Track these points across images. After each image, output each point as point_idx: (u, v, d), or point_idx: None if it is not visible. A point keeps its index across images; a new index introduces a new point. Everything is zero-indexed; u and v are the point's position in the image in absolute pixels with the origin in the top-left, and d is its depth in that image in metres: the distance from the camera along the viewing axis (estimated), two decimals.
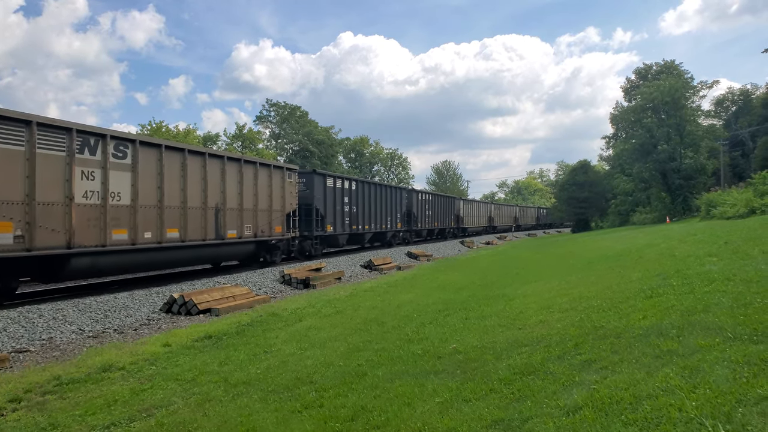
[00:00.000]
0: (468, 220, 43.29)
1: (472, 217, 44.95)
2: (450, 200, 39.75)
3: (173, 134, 43.05)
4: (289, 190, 18.30)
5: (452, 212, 39.55)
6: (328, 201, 21.19)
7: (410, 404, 4.45)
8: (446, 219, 37.71)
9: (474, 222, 45.45)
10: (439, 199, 36.80)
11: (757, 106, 49.61)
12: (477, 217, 46.62)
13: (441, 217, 36.60)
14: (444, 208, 37.43)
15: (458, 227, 41.39)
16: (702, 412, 3.15)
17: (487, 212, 51.08)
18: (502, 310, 8.25)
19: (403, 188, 32.33)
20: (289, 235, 18.30)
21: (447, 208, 38.06)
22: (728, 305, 5.47)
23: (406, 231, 31.81)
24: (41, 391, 5.92)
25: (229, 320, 9.89)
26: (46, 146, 10.06)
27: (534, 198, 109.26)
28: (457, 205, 41.50)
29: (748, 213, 22.52)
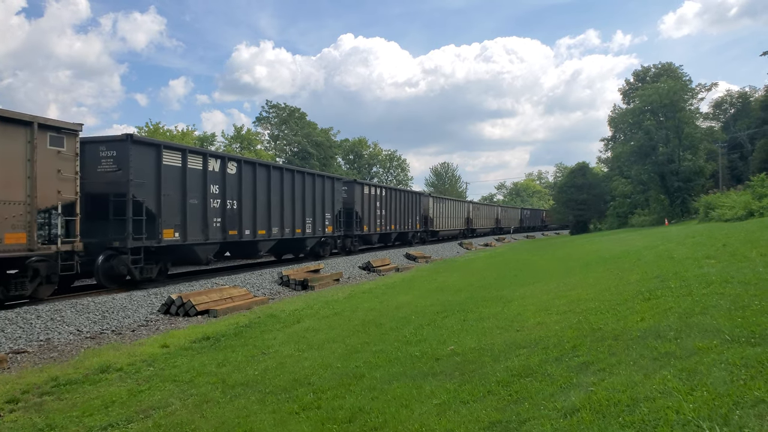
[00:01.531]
0: (439, 221, 36.77)
1: (444, 218, 38.05)
2: (415, 198, 32.92)
3: (171, 135, 43.02)
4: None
5: (417, 212, 32.93)
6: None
7: (408, 406, 4.44)
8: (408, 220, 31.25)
9: (447, 224, 38.67)
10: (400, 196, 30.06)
11: (756, 108, 49.71)
12: (451, 218, 39.50)
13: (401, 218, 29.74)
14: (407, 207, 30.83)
15: (426, 230, 34.63)
16: (699, 414, 3.16)
17: (463, 213, 43.70)
18: (500, 312, 8.25)
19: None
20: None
21: (410, 207, 31.54)
22: (726, 308, 5.48)
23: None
24: (39, 392, 5.91)
25: (227, 321, 9.88)
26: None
27: (533, 200, 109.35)
28: (425, 204, 34.30)
29: (747, 215, 22.58)
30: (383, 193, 27.48)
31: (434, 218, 35.62)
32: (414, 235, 32.17)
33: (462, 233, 43.30)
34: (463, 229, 43.55)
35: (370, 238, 25.88)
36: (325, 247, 21.85)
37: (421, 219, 33.44)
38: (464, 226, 43.58)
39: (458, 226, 41.70)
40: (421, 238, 33.87)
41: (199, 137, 50.22)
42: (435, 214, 35.71)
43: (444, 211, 38.18)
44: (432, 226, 35.18)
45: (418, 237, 33.11)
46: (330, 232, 21.42)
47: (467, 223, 44.33)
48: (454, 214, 40.40)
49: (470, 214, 45.07)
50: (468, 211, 44.87)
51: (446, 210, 38.72)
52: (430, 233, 35.74)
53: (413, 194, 32.67)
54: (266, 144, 60.74)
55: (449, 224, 39.41)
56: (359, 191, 24.36)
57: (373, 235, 26.15)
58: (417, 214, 32.39)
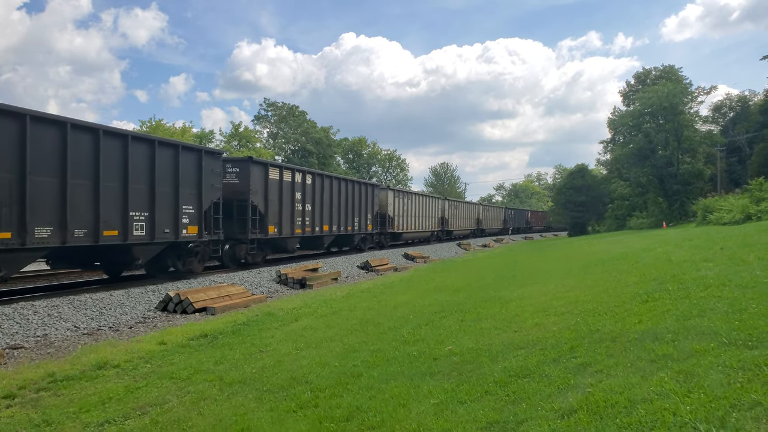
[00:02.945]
0: (403, 221, 29.94)
1: (410, 218, 31.36)
2: (365, 191, 25.02)
3: (171, 132, 42.97)
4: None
5: (369, 209, 25.51)
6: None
7: (405, 405, 4.45)
8: (355, 218, 23.78)
9: (413, 224, 31.97)
10: (341, 187, 22.50)
11: (755, 112, 49.80)
12: (418, 217, 33.04)
13: (343, 216, 22.63)
14: (351, 201, 23.29)
15: (383, 232, 27.68)
16: (696, 416, 3.16)
17: (436, 211, 36.76)
18: (498, 312, 8.26)
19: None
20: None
21: (356, 203, 23.86)
22: (723, 310, 5.49)
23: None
24: (35, 388, 5.90)
25: (224, 319, 9.87)
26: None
27: (531, 201, 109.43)
28: (381, 198, 27.16)
29: (744, 219, 22.63)
30: (308, 180, 19.41)
31: (396, 217, 28.70)
32: (364, 239, 25.60)
33: (435, 235, 37.01)
34: (436, 231, 37.03)
35: (280, 243, 18.41)
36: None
37: (376, 218, 26.42)
38: (437, 227, 37.00)
39: (429, 227, 35.09)
40: (377, 242, 27.45)
41: (198, 134, 50.17)
42: (397, 212, 28.91)
43: (409, 208, 31.25)
44: (392, 227, 28.29)
45: (372, 240, 26.72)
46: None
47: (441, 224, 37.94)
48: (422, 212, 33.82)
49: (445, 213, 38.59)
50: (442, 210, 38.20)
51: (412, 207, 31.91)
52: (390, 235, 28.77)
53: (361, 186, 24.82)
54: (265, 142, 60.72)
55: (416, 224, 32.64)
56: (259, 173, 16.69)
57: (288, 239, 18.50)
58: (369, 212, 25.33)
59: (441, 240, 38.07)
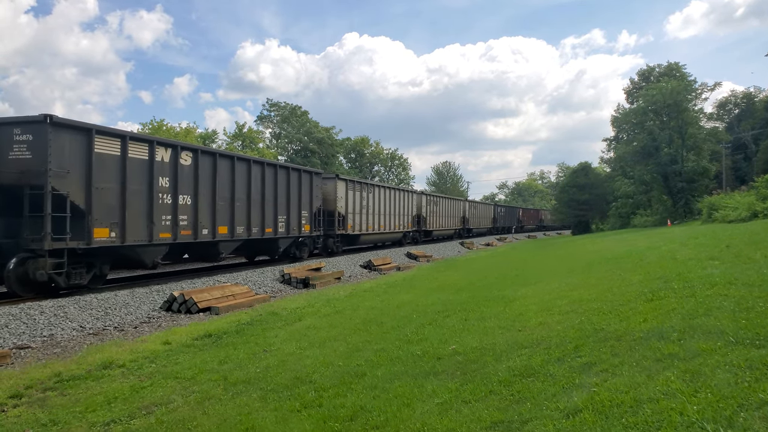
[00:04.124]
0: (361, 219, 24.23)
1: (372, 216, 25.45)
2: (304, 180, 19.29)
3: (174, 133, 43.07)
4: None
5: (307, 204, 19.54)
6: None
7: (409, 405, 4.44)
8: (292, 217, 18.50)
9: (377, 223, 26.12)
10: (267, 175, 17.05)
11: (760, 109, 49.59)
12: (385, 215, 27.28)
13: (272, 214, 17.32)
14: (281, 195, 17.74)
15: (334, 234, 21.94)
16: (703, 416, 3.14)
17: (410, 208, 31.21)
18: (502, 311, 8.24)
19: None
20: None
21: (293, 198, 18.47)
22: (730, 309, 5.46)
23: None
24: (42, 388, 5.93)
25: (228, 319, 9.89)
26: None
27: (534, 200, 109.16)
28: (328, 192, 21.57)
29: (751, 217, 22.51)
30: (183, 160, 13.21)
31: (349, 215, 22.99)
32: (300, 245, 19.41)
33: (409, 237, 31.55)
34: (411, 231, 31.66)
35: (128, 254, 12.31)
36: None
37: (318, 216, 20.55)
38: (411, 227, 31.40)
39: (400, 226, 29.36)
40: (323, 247, 21.63)
41: (201, 135, 50.30)
42: (351, 209, 23.30)
43: (370, 204, 25.19)
44: (345, 227, 22.60)
45: (314, 245, 20.86)
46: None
47: (417, 223, 32.58)
48: (391, 209, 28.06)
49: (422, 211, 33.15)
50: (418, 206, 32.75)
51: (375, 203, 25.79)
52: (344, 238, 23.24)
53: (290, 172, 18.29)
54: (268, 142, 60.79)
55: (382, 224, 26.76)
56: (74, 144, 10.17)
57: (142, 248, 12.15)
58: (306, 208, 19.29)
59: (417, 242, 32.76)
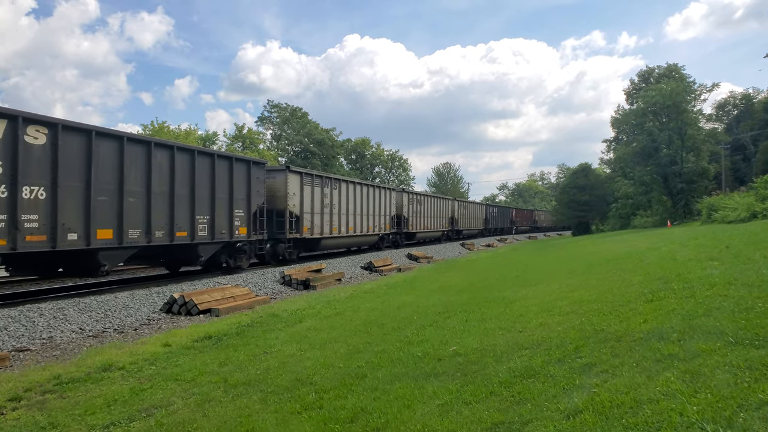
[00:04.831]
0: (323, 221, 20.18)
1: (337, 217, 21.38)
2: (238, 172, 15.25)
3: (175, 134, 43.11)
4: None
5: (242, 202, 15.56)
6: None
7: (410, 406, 4.44)
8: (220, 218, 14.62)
9: (346, 224, 22.19)
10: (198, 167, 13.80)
11: (759, 110, 49.61)
12: (357, 215, 23.18)
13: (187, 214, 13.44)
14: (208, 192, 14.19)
15: (283, 238, 17.87)
16: (703, 416, 3.14)
17: (388, 207, 26.73)
18: (503, 312, 8.24)
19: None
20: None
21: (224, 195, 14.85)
22: (730, 309, 5.46)
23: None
24: (41, 390, 5.92)
25: (229, 321, 9.89)
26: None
27: (535, 201, 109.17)
28: (276, 187, 17.80)
29: (750, 217, 22.53)
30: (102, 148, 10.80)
31: (305, 215, 18.80)
32: (239, 252, 15.76)
33: (388, 240, 27.31)
34: (390, 234, 27.21)
35: None
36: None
37: (276, 217, 17.50)
38: (389, 229, 26.72)
39: (376, 228, 24.99)
40: (276, 253, 17.76)
41: (202, 137, 50.36)
42: (308, 208, 19.07)
43: (335, 202, 21.05)
44: (300, 230, 18.42)
45: (260, 251, 16.88)
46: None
47: (397, 224, 28.01)
48: (364, 208, 23.65)
49: (403, 211, 28.50)
50: (399, 206, 28.19)
51: (342, 201, 21.60)
52: (299, 243, 18.94)
53: (231, 163, 14.89)
54: (268, 144, 60.83)
55: (351, 226, 22.40)
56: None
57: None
58: (243, 206, 15.38)
59: (398, 246, 28.30)
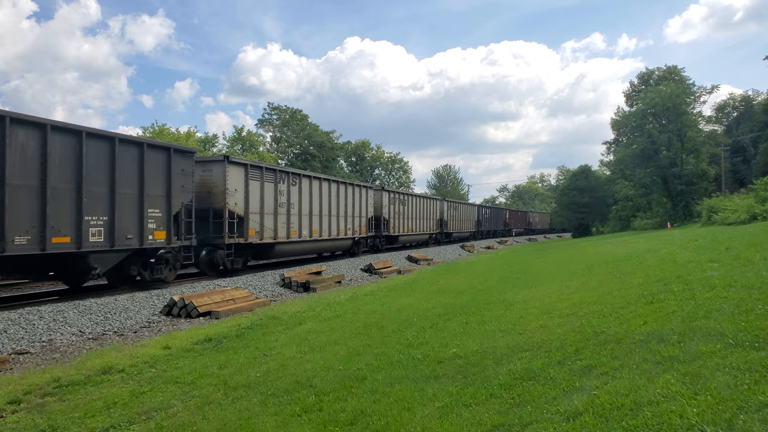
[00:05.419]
0: (271, 223, 16.73)
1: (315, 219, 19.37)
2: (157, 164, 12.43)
3: (175, 137, 43.15)
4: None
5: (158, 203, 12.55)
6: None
7: (410, 409, 4.44)
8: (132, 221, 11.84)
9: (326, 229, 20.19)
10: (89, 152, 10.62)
11: (759, 112, 49.62)
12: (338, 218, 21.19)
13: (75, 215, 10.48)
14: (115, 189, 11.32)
15: (223, 245, 14.80)
16: (703, 418, 3.14)
17: (364, 207, 23.74)
18: (503, 314, 8.24)
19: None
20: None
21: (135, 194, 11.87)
22: (730, 311, 5.46)
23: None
24: (41, 393, 5.91)
25: (229, 323, 9.88)
26: None
27: (534, 203, 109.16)
28: (213, 182, 14.89)
29: (750, 219, 22.52)
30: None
31: (251, 215, 15.70)
32: (158, 262, 12.92)
33: (365, 244, 24.46)
34: (367, 237, 24.17)
35: None
36: None
37: (214, 218, 14.70)
38: (366, 232, 23.84)
39: (350, 231, 22.29)
40: (212, 262, 14.87)
41: (202, 139, 50.42)
42: (256, 207, 15.96)
43: (295, 201, 18.09)
44: (244, 234, 15.39)
45: (186, 260, 13.82)
46: None
47: (376, 226, 25.23)
48: (334, 209, 20.93)
49: (384, 212, 25.66)
50: (378, 206, 25.28)
51: (304, 201, 18.67)
52: (248, 249, 16.22)
53: (142, 150, 11.98)
54: (268, 146, 60.85)
55: (316, 229, 19.50)
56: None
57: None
58: (161, 205, 12.57)
59: (378, 250, 25.66)
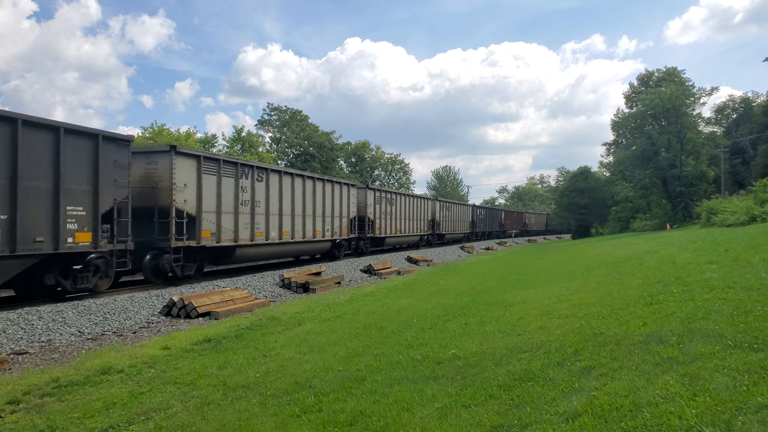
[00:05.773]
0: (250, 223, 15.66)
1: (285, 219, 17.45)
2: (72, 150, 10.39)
3: (175, 137, 43.15)
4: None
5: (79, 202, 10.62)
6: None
7: (409, 409, 4.44)
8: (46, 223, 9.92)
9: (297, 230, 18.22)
10: None
11: (758, 113, 49.68)
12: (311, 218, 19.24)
13: None
14: None
15: (168, 249, 12.87)
16: (702, 419, 3.15)
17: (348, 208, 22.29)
18: (502, 315, 8.24)
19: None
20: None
21: None
22: (729, 313, 5.46)
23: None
24: (40, 393, 5.91)
25: (228, 324, 9.88)
26: None
27: (534, 204, 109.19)
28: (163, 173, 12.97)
29: (749, 221, 22.53)
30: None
31: (204, 214, 13.97)
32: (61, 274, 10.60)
33: (346, 247, 23.07)
34: (349, 239, 22.81)
35: None
36: None
37: (160, 217, 12.98)
38: (348, 233, 22.38)
39: (329, 233, 20.66)
40: (157, 268, 13.03)
41: (201, 139, 50.43)
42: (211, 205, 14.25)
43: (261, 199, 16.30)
44: (194, 235, 13.60)
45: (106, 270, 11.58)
46: None
47: (359, 228, 23.69)
48: (310, 208, 19.16)
49: (367, 212, 24.19)
50: (362, 205, 23.85)
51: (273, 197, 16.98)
52: (200, 253, 14.17)
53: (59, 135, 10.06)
54: (268, 146, 60.88)
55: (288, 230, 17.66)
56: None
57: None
58: (86, 203, 10.83)
59: (361, 254, 24.04)
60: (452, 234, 39.32)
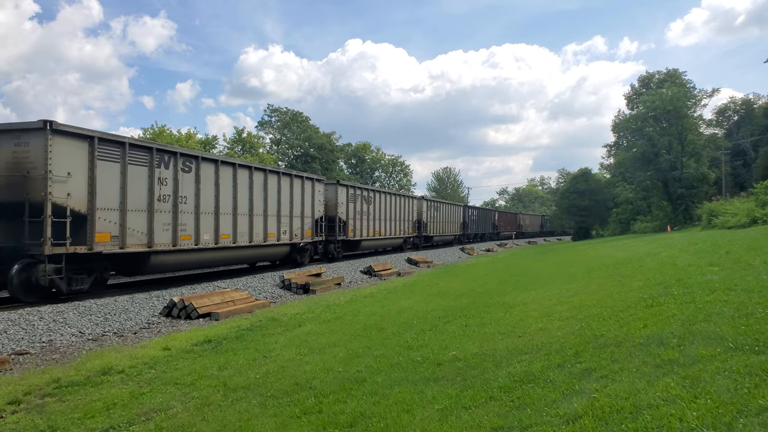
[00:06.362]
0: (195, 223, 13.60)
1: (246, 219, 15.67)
2: None
3: (175, 138, 43.17)
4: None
5: None
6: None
7: (409, 411, 4.43)
8: None
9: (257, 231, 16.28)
10: None
11: (759, 115, 49.72)
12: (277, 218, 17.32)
13: None
14: None
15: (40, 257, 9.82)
16: (703, 422, 3.14)
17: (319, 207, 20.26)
18: (502, 317, 8.24)
19: None
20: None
21: None
22: (730, 315, 5.46)
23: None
24: (40, 394, 5.91)
25: (228, 325, 9.88)
26: None
27: (535, 206, 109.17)
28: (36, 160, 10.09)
29: (750, 223, 22.51)
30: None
31: (94, 212, 10.94)
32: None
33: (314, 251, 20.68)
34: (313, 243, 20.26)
35: None
36: None
37: (34, 218, 10.10)
38: (314, 236, 19.98)
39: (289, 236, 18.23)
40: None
41: (202, 140, 50.47)
42: (105, 201, 11.29)
43: (190, 194, 13.65)
44: (82, 238, 10.82)
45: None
46: None
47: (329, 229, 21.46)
48: (259, 206, 16.49)
49: (339, 210, 21.86)
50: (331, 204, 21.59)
51: (205, 193, 14.20)
52: (64, 261, 10.49)
53: None
54: (268, 148, 60.92)
55: (224, 232, 14.87)
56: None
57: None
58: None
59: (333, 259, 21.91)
60: (441, 236, 36.72)
